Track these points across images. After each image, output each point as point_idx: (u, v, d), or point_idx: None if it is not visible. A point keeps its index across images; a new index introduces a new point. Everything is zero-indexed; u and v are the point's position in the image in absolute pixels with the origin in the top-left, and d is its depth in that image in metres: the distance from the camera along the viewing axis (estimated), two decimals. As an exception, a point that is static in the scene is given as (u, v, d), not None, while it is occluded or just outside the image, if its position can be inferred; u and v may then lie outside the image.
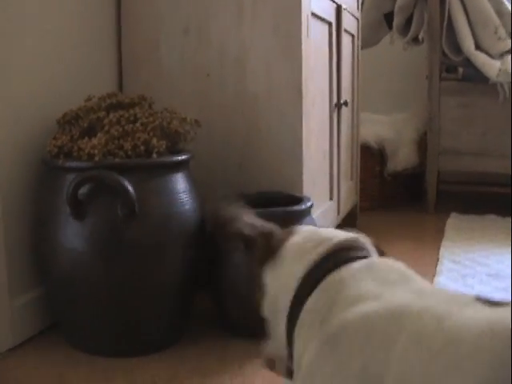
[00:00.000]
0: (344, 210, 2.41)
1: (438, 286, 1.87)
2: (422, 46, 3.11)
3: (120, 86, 1.88)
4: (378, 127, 3.07)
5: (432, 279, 1.95)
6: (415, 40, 3.09)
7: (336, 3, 2.14)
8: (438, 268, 2.09)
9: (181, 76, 1.81)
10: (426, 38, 3.01)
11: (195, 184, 1.53)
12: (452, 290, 0.74)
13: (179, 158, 1.46)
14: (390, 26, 3.12)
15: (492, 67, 2.82)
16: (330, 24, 2.07)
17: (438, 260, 2.18)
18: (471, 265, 2.13)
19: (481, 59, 2.84)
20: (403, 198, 3.17)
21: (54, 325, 1.57)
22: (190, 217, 1.46)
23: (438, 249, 2.31)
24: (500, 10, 2.89)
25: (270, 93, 1.75)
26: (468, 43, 2.85)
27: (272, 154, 1.76)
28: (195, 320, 1.64)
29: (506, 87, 2.81)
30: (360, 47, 2.69)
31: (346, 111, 2.37)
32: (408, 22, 3.04)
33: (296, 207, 1.52)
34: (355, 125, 2.61)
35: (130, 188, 1.34)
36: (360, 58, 2.68)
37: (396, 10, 3.02)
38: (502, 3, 2.88)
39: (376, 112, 3.29)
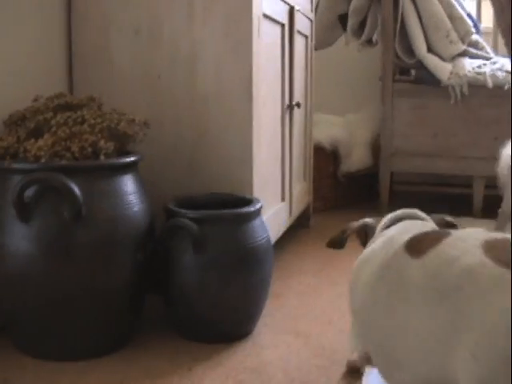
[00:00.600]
0: (296, 211, 2.42)
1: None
2: (376, 48, 3.14)
3: (70, 87, 1.86)
4: (331, 128, 3.09)
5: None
6: (369, 42, 3.12)
7: (289, 4, 2.15)
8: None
9: (131, 76, 1.80)
10: (380, 40, 3.05)
11: (144, 186, 1.52)
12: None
13: (127, 159, 1.45)
14: (345, 28, 3.14)
15: (444, 70, 2.87)
16: (282, 25, 2.08)
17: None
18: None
19: (433, 62, 2.89)
20: (357, 198, 3.21)
21: (1, 328, 1.55)
22: (138, 219, 1.45)
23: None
24: (452, 14, 2.94)
25: (221, 94, 1.75)
26: (420, 46, 2.89)
27: (222, 155, 1.76)
28: (145, 322, 1.63)
29: (458, 89, 2.86)
30: (314, 48, 2.71)
31: (298, 112, 2.38)
32: (362, 24, 3.07)
33: (245, 209, 1.53)
34: (308, 126, 2.63)
35: (77, 190, 1.33)
36: (313, 59, 2.70)
37: (350, 11, 3.05)
38: (454, 7, 2.93)
39: (330, 113, 3.31)
